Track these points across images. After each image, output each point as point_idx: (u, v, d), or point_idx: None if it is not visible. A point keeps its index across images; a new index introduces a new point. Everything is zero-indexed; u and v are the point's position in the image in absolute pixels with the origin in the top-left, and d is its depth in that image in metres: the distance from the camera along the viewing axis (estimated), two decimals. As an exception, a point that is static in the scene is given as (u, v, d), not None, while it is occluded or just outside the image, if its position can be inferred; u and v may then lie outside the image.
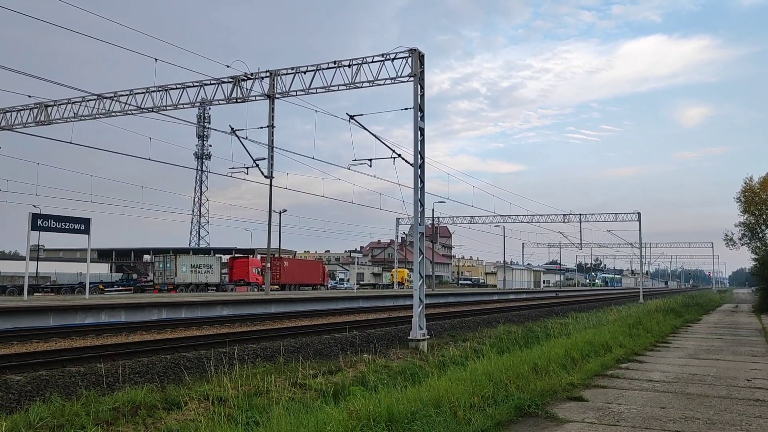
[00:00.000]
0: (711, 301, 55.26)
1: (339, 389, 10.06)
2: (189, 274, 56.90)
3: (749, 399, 9.54)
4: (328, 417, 6.66)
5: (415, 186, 17.77)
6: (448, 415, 7.12)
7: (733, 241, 52.64)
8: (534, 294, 72.48)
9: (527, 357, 11.68)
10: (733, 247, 53.00)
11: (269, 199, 39.19)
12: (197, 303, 28.36)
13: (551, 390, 9.43)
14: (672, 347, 17.09)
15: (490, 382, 8.95)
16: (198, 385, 9.94)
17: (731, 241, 52.81)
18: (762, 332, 23.26)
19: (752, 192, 50.37)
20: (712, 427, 7.64)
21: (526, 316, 30.63)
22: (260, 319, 26.27)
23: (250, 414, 8.04)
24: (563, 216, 71.91)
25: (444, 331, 21.30)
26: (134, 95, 27.74)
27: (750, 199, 50.26)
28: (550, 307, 40.44)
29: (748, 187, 50.88)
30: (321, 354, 15.28)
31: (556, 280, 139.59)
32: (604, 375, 11.61)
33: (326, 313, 30.64)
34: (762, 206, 49.84)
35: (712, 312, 39.93)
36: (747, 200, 50.43)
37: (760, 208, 49.93)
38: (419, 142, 17.80)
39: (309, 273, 68.45)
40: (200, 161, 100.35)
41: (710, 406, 8.89)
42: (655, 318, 24.29)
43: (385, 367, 12.77)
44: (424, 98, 18.21)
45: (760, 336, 21.59)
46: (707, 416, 8.22)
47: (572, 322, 22.69)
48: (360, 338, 18.23)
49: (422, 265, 17.54)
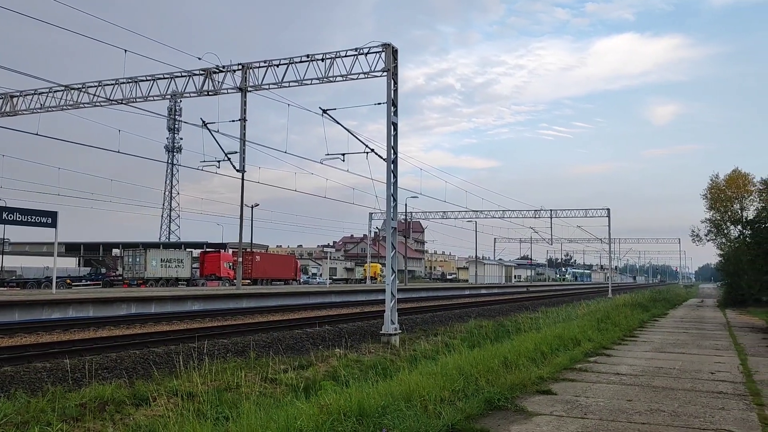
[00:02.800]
0: (677, 296, 56.36)
1: (310, 384, 10.04)
2: (159, 269, 56.22)
3: (713, 391, 9.76)
4: (298, 412, 6.65)
5: (387, 181, 17.78)
6: (419, 409, 7.15)
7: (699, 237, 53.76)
8: (505, 289, 73.13)
9: (498, 351, 11.79)
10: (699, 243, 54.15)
11: (241, 193, 38.88)
12: (167, 298, 28.04)
13: (521, 384, 9.54)
14: (639, 341, 17.39)
15: (460, 376, 9.02)
16: (167, 380, 9.83)
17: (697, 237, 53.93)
18: (726, 326, 23.80)
19: (718, 189, 51.48)
20: (676, 419, 7.80)
21: (497, 310, 30.88)
22: (231, 314, 26.09)
23: (220, 409, 7.98)
24: (534, 212, 72.68)
25: (416, 326, 21.37)
26: (103, 87, 27.29)
27: (716, 196, 51.36)
28: (521, 301, 40.83)
29: (714, 184, 52.00)
30: (292, 349, 15.23)
31: (527, 275, 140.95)
32: (572, 369, 11.78)
33: (298, 307, 30.55)
34: (727, 203, 50.95)
35: (678, 307, 40.72)
36: (713, 197, 51.53)
37: (726, 205, 51.04)
38: (392, 137, 17.81)
39: (281, 268, 68.08)
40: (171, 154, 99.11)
41: (675, 399, 9.07)
42: (623, 312, 24.69)
43: (357, 361, 12.77)
44: (398, 93, 18.21)
45: (724, 330, 22.09)
46: (672, 408, 8.39)
47: (542, 316, 22.92)
48: (332, 333, 18.20)
49: (395, 260, 17.58)
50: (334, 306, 33.13)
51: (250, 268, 59.85)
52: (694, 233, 54.21)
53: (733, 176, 50.97)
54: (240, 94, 28.44)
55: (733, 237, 48.60)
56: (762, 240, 21.68)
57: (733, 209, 50.58)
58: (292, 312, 28.15)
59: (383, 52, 18.90)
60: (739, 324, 25.12)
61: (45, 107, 28.05)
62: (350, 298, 40.23)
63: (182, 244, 79.05)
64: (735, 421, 7.76)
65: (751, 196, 49.90)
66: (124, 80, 26.72)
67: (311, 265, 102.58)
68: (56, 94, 27.68)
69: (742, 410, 8.42)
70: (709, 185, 52.32)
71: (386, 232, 17.95)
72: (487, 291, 63.57)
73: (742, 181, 50.37)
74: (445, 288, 63.50)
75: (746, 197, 50.16)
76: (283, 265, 68.94)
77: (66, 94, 27.53)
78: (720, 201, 51.06)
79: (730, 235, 50.33)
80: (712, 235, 52.53)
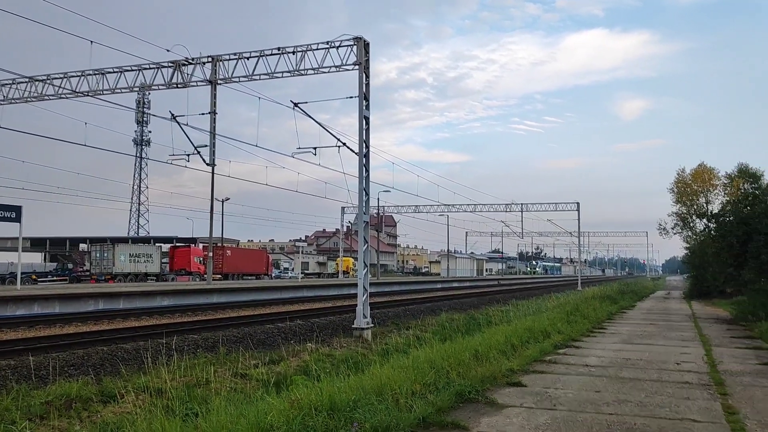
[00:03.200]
0: (645, 288, 57.38)
1: (281, 379, 9.99)
2: (128, 264, 55.42)
3: (678, 382, 9.95)
4: (269, 407, 6.61)
5: (360, 175, 17.73)
6: (390, 403, 7.16)
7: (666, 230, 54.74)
8: (477, 282, 73.63)
9: (469, 344, 11.86)
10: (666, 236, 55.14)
11: (211, 187, 38.47)
12: (136, 293, 27.66)
13: (492, 376, 9.61)
14: (608, 333, 17.65)
15: (432, 369, 9.05)
16: (136, 377, 9.70)
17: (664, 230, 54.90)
18: (692, 318, 24.28)
19: (684, 183, 52.48)
20: (643, 409, 7.93)
21: (468, 304, 31.07)
22: (202, 309, 25.86)
23: (189, 405, 7.89)
24: (506, 206, 73.22)
25: (388, 320, 21.41)
26: (69, 78, 26.73)
27: (682, 190, 52.36)
28: (492, 294, 41.14)
29: (681, 178, 53.01)
30: (264, 344, 15.15)
31: (498, 269, 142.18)
32: (542, 361, 11.90)
33: (270, 302, 30.39)
34: (693, 197, 51.98)
35: (646, 299, 41.44)
36: (679, 191, 52.53)
37: (692, 198, 52.07)
38: (364, 130, 17.76)
39: (252, 262, 67.64)
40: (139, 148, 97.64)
41: (642, 389, 9.22)
42: (592, 305, 25.04)
43: (329, 356, 12.75)
44: (369, 87, 18.16)
45: (690, 321, 22.53)
46: (639, 399, 8.53)
47: (513, 309, 23.15)
48: (304, 328, 18.15)
49: (367, 254, 17.56)
50: (306, 300, 33.03)
51: (221, 262, 59.39)
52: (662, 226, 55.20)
53: (698, 170, 52.00)
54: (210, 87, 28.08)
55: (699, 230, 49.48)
56: (726, 233, 22.09)
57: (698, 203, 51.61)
58: (263, 307, 27.99)
59: (355, 45, 18.82)
60: (704, 315, 25.65)
61: (8, 99, 27.37)
62: (322, 292, 40.15)
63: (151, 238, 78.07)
64: (700, 410, 7.92)
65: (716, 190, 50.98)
66: (90, 72, 26.21)
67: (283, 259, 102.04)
68: (20, 85, 27.04)
69: (706, 399, 8.60)
70: (676, 179, 53.32)
71: (358, 226, 17.90)
72: (459, 284, 63.97)
73: (707, 176, 51.43)
74: (417, 282, 63.71)
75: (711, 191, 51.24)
76: (254, 260, 68.50)
77: (30, 85, 26.91)
78: (686, 195, 52.07)
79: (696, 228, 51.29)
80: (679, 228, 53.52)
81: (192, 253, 61.65)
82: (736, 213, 22.64)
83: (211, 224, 40.18)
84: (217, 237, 61.17)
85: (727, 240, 21.82)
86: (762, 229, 19.80)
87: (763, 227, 19.79)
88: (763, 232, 19.75)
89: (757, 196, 23.38)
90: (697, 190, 51.78)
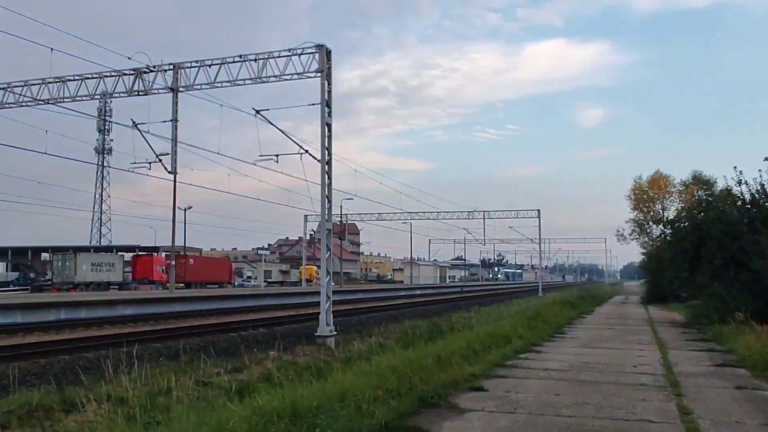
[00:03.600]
0: (604, 293, 58.41)
1: (244, 386, 9.90)
2: (90, 273, 54.33)
3: (635, 384, 10.17)
4: (230, 414, 6.55)
5: (322, 182, 17.72)
6: (353, 409, 7.17)
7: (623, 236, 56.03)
8: (440, 289, 74.01)
9: (431, 350, 11.92)
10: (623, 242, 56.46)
11: (173, 195, 38.03)
12: (98, 302, 27.14)
13: (454, 381, 9.69)
14: (568, 337, 17.94)
15: (394, 375, 9.08)
16: (98, 385, 9.51)
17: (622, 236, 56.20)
18: (649, 322, 24.84)
19: (641, 190, 53.79)
20: (601, 411, 8.09)
21: (431, 310, 31.22)
22: (164, 317, 25.51)
23: (151, 414, 7.78)
24: (468, 213, 73.90)
25: (351, 327, 21.41)
26: (29, 86, 26.07)
27: (639, 197, 53.66)
28: (455, 301, 41.46)
29: (638, 185, 54.32)
30: (226, 352, 15.04)
31: (461, 276, 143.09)
32: (504, 365, 12.05)
33: (233, 311, 30.13)
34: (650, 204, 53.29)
35: (604, 304, 42.21)
36: (636, 198, 53.83)
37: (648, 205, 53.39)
38: (326, 138, 17.78)
39: (215, 271, 66.99)
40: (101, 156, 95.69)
41: (600, 392, 9.41)
42: (553, 310, 25.40)
43: (292, 363, 12.68)
44: (332, 94, 18.20)
45: (647, 325, 23.05)
46: (597, 401, 8.70)
47: (475, 315, 23.32)
48: (267, 336, 18.10)
49: (330, 262, 17.54)
50: (269, 309, 32.80)
51: (184, 271, 58.74)
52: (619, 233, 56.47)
53: (655, 178, 53.36)
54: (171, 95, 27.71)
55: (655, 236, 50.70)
56: (681, 238, 22.63)
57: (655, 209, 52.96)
58: (226, 315, 27.73)
59: (317, 52, 18.83)
60: (660, 319, 26.26)
61: (-36, 106, 26.56)
62: (285, 300, 39.90)
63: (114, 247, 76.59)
64: (656, 411, 8.11)
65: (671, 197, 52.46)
66: (51, 80, 25.60)
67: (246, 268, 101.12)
68: (-24, 92, 26.26)
69: (662, 401, 8.81)
70: (633, 186, 54.60)
71: (321, 234, 17.88)
72: (422, 291, 64.21)
73: (663, 183, 52.83)
74: (380, 289, 63.75)
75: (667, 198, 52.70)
76: (217, 268, 67.87)
77: (-13, 92, 26.15)
78: (643, 201, 53.35)
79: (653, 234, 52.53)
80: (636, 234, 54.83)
81: (154, 262, 60.79)
82: (690, 219, 23.20)
83: (173, 233, 39.65)
84: (180, 246, 60.37)
85: (682, 245, 22.32)
86: (714, 235, 20.32)
87: (715, 233, 20.32)
88: (715, 237, 20.26)
89: (710, 202, 24.01)
90: (653, 197, 53.10)
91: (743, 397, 9.20)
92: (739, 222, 20.31)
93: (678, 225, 24.38)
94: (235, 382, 10.21)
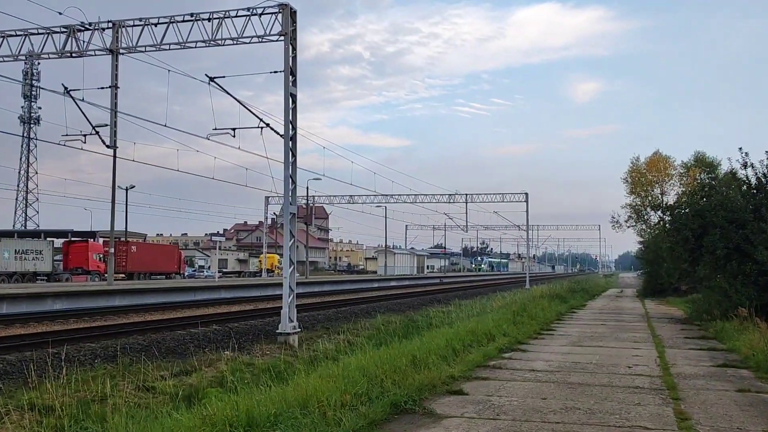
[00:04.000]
0: (597, 286, 59.32)
1: (193, 392, 9.86)
2: (12, 262, 53.35)
3: (629, 386, 10.35)
4: (176, 424, 6.51)
5: (285, 160, 17.58)
6: (317, 416, 7.17)
7: (619, 223, 56.70)
8: (417, 280, 74.42)
9: (406, 349, 12.00)
10: (619, 229, 57.17)
11: (113, 172, 37.33)
12: (22, 295, 26.69)
13: (430, 384, 9.75)
14: (556, 335, 18.19)
15: (364, 377, 9.10)
16: (20, 393, 9.35)
17: (617, 223, 56.86)
18: (645, 317, 25.30)
19: (639, 173, 54.42)
20: (592, 416, 8.21)
21: (407, 304, 31.42)
22: (101, 313, 25.21)
23: (84, 424, 7.69)
24: (449, 196, 74.28)
25: (317, 323, 21.45)
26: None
27: (636, 180, 54.27)
28: (434, 294, 41.79)
29: (635, 167, 54.93)
30: (174, 352, 14.98)
31: (440, 266, 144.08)
32: (486, 366, 12.17)
33: (182, 305, 29.92)
34: (648, 187, 53.94)
35: (597, 297, 42.90)
36: (633, 181, 54.42)
37: (646, 189, 54.03)
38: (291, 110, 17.62)
39: (162, 259, 66.42)
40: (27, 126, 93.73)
41: (591, 395, 9.55)
42: (541, 304, 25.72)
43: (249, 365, 12.66)
44: (297, 61, 18.01)
45: (643, 321, 23.46)
46: (588, 406, 8.83)
47: (456, 310, 23.54)
48: (221, 333, 18.04)
49: (294, 250, 17.47)
50: (224, 303, 32.65)
51: (125, 260, 58.18)
52: (614, 219, 57.11)
53: (654, 159, 53.96)
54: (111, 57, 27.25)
55: (654, 223, 51.56)
56: (681, 226, 22.93)
57: (653, 194, 53.65)
58: (174, 310, 27.55)
59: (280, 12, 18.60)
60: (657, 315, 26.76)
61: None
62: (243, 293, 39.79)
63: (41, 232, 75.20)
64: (651, 417, 8.25)
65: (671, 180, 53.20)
66: (-35, 36, 24.94)
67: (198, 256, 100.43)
68: None
69: (658, 405, 8.97)
70: (630, 168, 55.19)
71: (284, 219, 17.80)
72: (398, 283, 64.50)
73: (663, 165, 53.48)
74: (351, 281, 63.88)
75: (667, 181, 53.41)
76: (164, 257, 67.29)
77: None
78: (641, 185, 53.98)
79: (651, 221, 53.37)
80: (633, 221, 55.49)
81: (90, 249, 59.92)
82: (691, 205, 23.55)
83: (113, 215, 39.07)
84: (121, 230, 59.56)
85: (682, 234, 22.66)
86: (717, 222, 20.66)
87: (718, 220, 20.66)
88: (718, 225, 20.61)
89: (713, 186, 24.38)
90: (652, 180, 53.76)
91: (746, 401, 9.41)
92: (744, 209, 20.68)
93: (678, 211, 24.75)
94: (183, 387, 10.16)
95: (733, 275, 19.76)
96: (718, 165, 45.08)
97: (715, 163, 47.25)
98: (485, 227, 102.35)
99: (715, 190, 23.46)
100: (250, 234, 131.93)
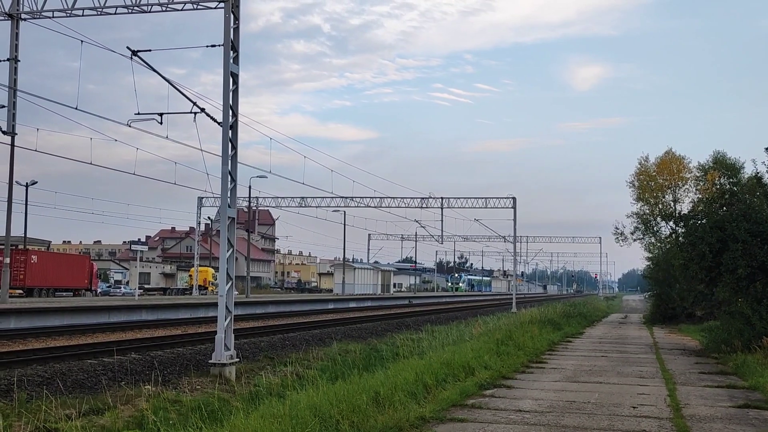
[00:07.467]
0: (597, 310, 59.87)
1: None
2: None
3: (634, 431, 10.46)
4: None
5: (224, 153, 17.47)
6: (257, 466, 7.11)
7: (623, 235, 57.05)
8: (382, 301, 74.49)
9: (368, 384, 11.99)
10: (624, 242, 57.47)
11: (10, 164, 36.76)
12: None
13: (396, 426, 9.76)
14: (548, 368, 18.33)
15: (316, 418, 9.09)
16: None
17: (622, 235, 57.20)
18: (653, 348, 25.61)
19: (647, 176, 54.84)
20: (589, 466, 8.28)
21: (369, 330, 31.44)
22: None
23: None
24: (421, 200, 74.50)
25: (260, 352, 21.33)
26: None
27: (645, 184, 54.68)
28: (402, 318, 41.89)
29: (643, 169, 55.33)
30: (83, 386, 14.80)
31: (410, 284, 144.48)
32: (463, 405, 12.20)
33: (93, 328, 29.55)
34: (658, 193, 54.35)
35: (597, 324, 43.34)
36: (641, 185, 54.81)
37: (656, 195, 54.41)
38: (231, 92, 17.54)
39: (69, 273, 65.58)
40: None
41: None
42: (530, 332, 25.91)
43: (175, 402, 12.55)
44: (240, 33, 17.94)
45: (651, 353, 23.76)
46: (584, 453, 8.90)
47: (428, 337, 23.61)
48: (141, 363, 17.85)
49: (232, 263, 17.36)
50: (146, 326, 32.31)
51: (23, 272, 57.37)
52: (618, 230, 57.37)
53: (665, 159, 54.41)
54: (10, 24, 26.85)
55: (665, 236, 52.08)
56: (696, 240, 23.03)
57: (664, 201, 54.14)
58: (83, 335, 27.21)
59: (220, -26, 18.54)
60: (668, 345, 27.12)
61: None
62: (169, 314, 39.42)
63: None
64: (659, 466, 8.35)
65: (686, 185, 53.74)
66: None
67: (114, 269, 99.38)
68: None
69: (667, 453, 9.08)
70: (637, 170, 55.49)
71: (221, 224, 17.69)
72: (358, 304, 64.47)
73: (676, 166, 53.98)
74: (301, 301, 63.65)
75: (681, 186, 53.93)
76: (72, 269, 66.42)
77: None
78: (649, 190, 54.35)
79: (661, 233, 53.84)
80: (639, 233, 55.77)
81: (-21, 259, 58.95)
82: (709, 215, 23.81)
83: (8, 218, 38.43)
84: (18, 236, 58.61)
85: (697, 249, 22.83)
86: (740, 236, 20.88)
87: (741, 233, 20.89)
88: (740, 239, 20.84)
89: (735, 193, 24.70)
90: (663, 185, 54.23)
91: (771, 448, 9.58)
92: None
93: (693, 222, 25.04)
94: (93, 428, 10.02)
95: (756, 299, 20.06)
96: (741, 168, 45.75)
97: (738, 165, 47.89)
98: (464, 238, 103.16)
99: (737, 198, 23.76)
100: (178, 242, 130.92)
